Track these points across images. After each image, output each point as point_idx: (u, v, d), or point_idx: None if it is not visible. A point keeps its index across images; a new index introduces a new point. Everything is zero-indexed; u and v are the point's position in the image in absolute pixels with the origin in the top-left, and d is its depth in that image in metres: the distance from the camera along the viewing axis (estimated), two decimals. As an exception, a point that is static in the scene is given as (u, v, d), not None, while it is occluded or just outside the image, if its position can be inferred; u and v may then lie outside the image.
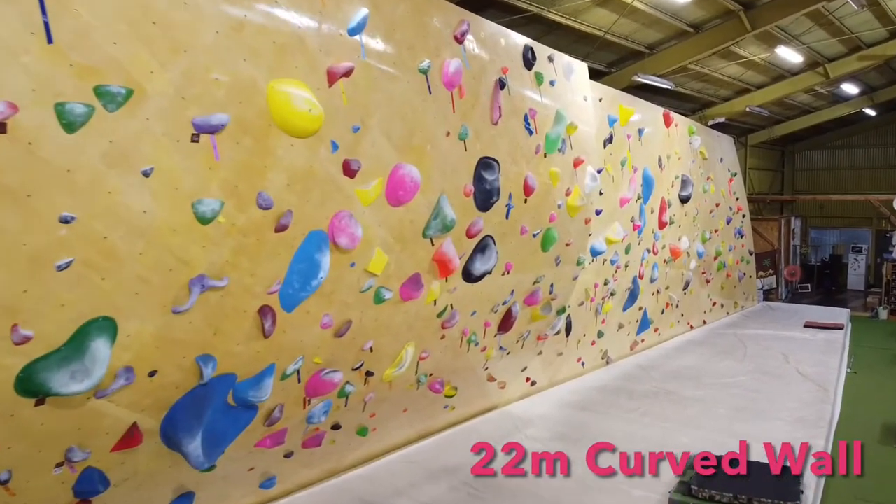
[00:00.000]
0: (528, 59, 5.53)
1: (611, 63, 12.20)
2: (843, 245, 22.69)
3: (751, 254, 14.02)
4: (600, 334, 8.18)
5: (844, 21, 11.76)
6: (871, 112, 19.80)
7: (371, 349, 4.51)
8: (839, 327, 11.37)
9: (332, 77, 3.64)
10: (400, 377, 4.95)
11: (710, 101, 15.86)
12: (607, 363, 8.34)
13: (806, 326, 11.43)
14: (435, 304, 4.95)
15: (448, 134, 4.62)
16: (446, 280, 4.96)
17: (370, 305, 4.34)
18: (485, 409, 6.26)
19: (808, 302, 16.76)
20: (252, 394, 3.78)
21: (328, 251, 3.82)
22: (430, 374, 5.35)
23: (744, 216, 13.33)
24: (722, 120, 15.67)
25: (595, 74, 10.57)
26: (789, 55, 12.49)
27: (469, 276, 5.18)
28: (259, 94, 3.29)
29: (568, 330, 7.33)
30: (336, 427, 4.64)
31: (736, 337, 10.50)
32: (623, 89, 9.26)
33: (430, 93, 4.40)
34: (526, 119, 5.49)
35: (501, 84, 5.11)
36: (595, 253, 7.53)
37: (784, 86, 15.14)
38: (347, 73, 3.71)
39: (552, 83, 5.90)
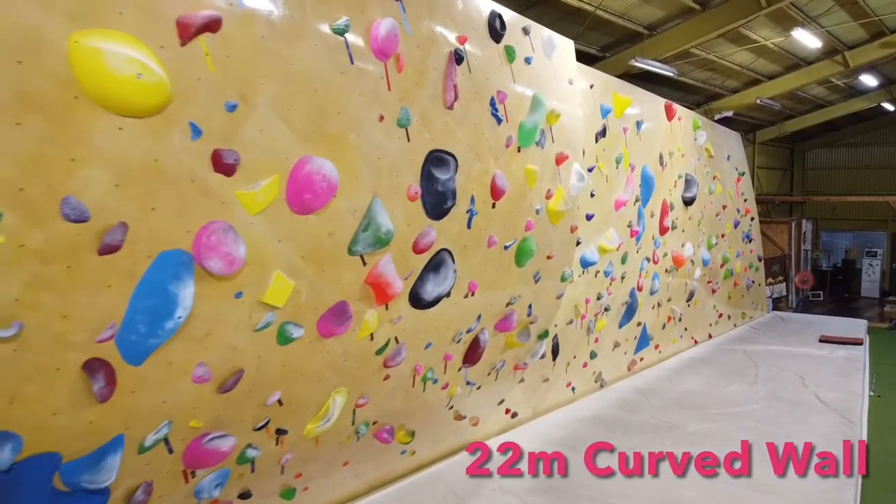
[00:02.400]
0: (496, 29, 4.41)
1: (604, 46, 11.03)
2: (857, 249, 21.57)
3: (760, 259, 13.03)
4: (593, 355, 7.14)
5: (868, 1, 10.62)
6: (889, 107, 18.59)
7: (280, 402, 3.44)
8: (858, 342, 10.31)
9: (186, 31, 2.52)
10: (329, 431, 3.88)
11: (716, 94, 14.79)
12: (601, 386, 7.33)
13: (821, 341, 10.40)
14: (372, 338, 3.87)
15: (381, 119, 3.52)
16: (386, 308, 3.88)
17: (272, 347, 3.25)
18: (457, 447, 5.19)
19: (821, 311, 15.82)
20: (87, 478, 2.71)
21: (191, 279, 2.72)
22: (374, 422, 4.29)
23: (752, 219, 12.36)
24: (729, 114, 14.59)
25: (586, 59, 9.46)
26: (807, 39, 11.29)
27: (418, 302, 4.11)
28: (53, 51, 2.17)
29: (555, 353, 6.28)
30: (245, 496, 3.61)
31: (745, 354, 9.42)
32: (618, 77, 8.16)
33: (352, 62, 3.29)
34: (493, 103, 4.38)
35: (458, 57, 4.01)
36: (586, 264, 6.51)
37: (799, 76, 14.02)
38: (212, 27, 2.60)
39: (528, 60, 4.79)
